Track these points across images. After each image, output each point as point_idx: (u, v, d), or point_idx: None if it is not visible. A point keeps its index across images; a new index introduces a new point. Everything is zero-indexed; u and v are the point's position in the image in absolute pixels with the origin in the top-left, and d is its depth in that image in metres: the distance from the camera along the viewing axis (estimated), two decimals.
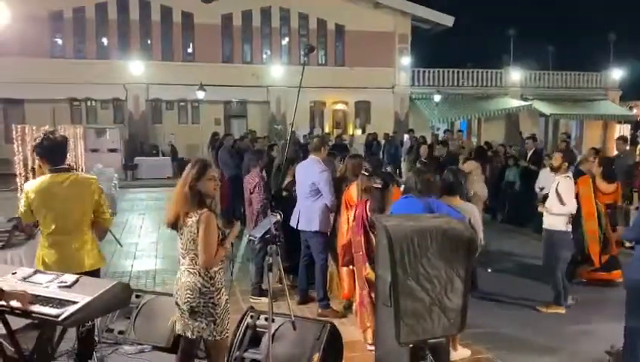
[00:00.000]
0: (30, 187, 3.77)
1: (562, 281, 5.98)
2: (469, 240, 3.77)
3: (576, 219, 6.97)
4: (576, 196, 6.94)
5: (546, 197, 6.24)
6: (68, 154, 3.99)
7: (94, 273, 3.81)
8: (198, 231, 3.23)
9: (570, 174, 6.14)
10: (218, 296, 3.30)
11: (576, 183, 6.95)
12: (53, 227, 3.72)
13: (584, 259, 7.03)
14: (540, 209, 6.13)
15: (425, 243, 3.64)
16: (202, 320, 3.27)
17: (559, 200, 5.87)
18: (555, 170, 6.15)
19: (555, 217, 5.92)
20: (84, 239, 3.80)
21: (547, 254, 6.10)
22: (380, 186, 4.66)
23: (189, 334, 3.34)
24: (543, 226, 6.09)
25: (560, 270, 5.97)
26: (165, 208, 3.46)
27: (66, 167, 3.85)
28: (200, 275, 3.27)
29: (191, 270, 3.29)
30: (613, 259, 7.00)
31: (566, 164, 6.10)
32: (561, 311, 5.95)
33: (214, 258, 3.25)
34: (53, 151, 3.77)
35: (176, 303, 3.36)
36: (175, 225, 3.34)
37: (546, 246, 6.08)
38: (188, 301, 3.26)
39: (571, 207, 5.88)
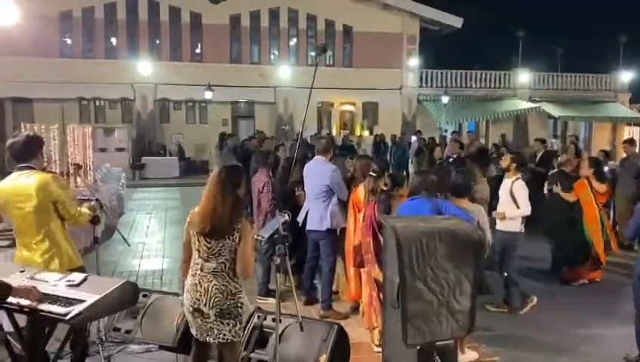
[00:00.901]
0: None
1: (516, 281, 5.96)
2: (477, 242, 3.75)
3: (577, 223, 6.99)
4: (577, 201, 6.98)
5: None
6: (38, 155, 3.92)
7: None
8: (239, 240, 3.20)
9: (521, 175, 6.06)
10: (244, 297, 3.34)
11: (573, 188, 6.99)
12: (15, 227, 3.81)
13: (584, 260, 7.10)
14: (494, 214, 6.02)
15: (433, 245, 3.62)
16: (230, 321, 3.26)
17: (514, 202, 5.85)
18: (505, 171, 6.12)
19: (509, 219, 5.90)
20: (38, 238, 3.74)
21: (501, 254, 6.04)
22: (388, 188, 4.64)
23: (210, 339, 3.30)
24: (497, 228, 6.01)
25: (514, 270, 5.98)
26: (198, 213, 3.27)
27: (25, 166, 3.77)
28: (229, 277, 3.25)
29: (218, 274, 3.24)
30: (595, 260, 7.02)
31: (514, 165, 6.05)
32: (505, 310, 5.96)
33: (253, 267, 3.35)
34: (12, 150, 3.78)
35: (197, 309, 3.25)
36: (215, 231, 3.19)
37: (500, 247, 6.00)
38: (218, 304, 3.21)
39: (526, 209, 5.87)
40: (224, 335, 3.26)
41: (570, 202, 7.02)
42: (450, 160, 9.45)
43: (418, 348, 3.70)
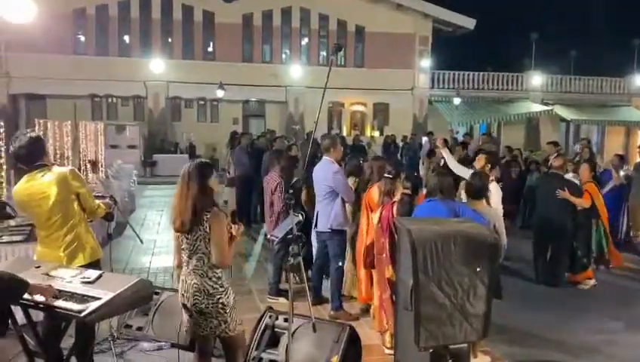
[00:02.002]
0: (13, 192, 3.87)
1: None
2: (493, 245, 3.71)
3: (588, 226, 6.96)
4: (592, 205, 6.94)
5: None
6: (46, 152, 3.93)
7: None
8: (209, 230, 3.20)
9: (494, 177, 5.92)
10: (226, 296, 3.29)
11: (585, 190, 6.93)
12: (37, 223, 3.82)
13: (596, 260, 7.18)
14: None
15: (448, 248, 3.58)
16: (212, 319, 3.27)
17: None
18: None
19: None
20: (64, 232, 3.75)
21: None
22: (410, 192, 4.62)
23: (200, 332, 3.34)
24: None
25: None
26: (170, 212, 3.35)
27: (39, 164, 3.76)
28: (207, 276, 3.25)
29: (197, 271, 3.26)
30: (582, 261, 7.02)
31: (489, 165, 5.97)
32: None
33: (228, 256, 3.25)
34: (19, 156, 3.76)
35: (184, 305, 3.32)
36: (182, 227, 3.26)
37: None
38: (196, 303, 3.24)
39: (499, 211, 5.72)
40: (210, 329, 3.30)
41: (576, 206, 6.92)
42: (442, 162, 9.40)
43: (431, 351, 3.67)
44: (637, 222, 9.00)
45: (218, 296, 3.25)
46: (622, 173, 8.82)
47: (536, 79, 25.27)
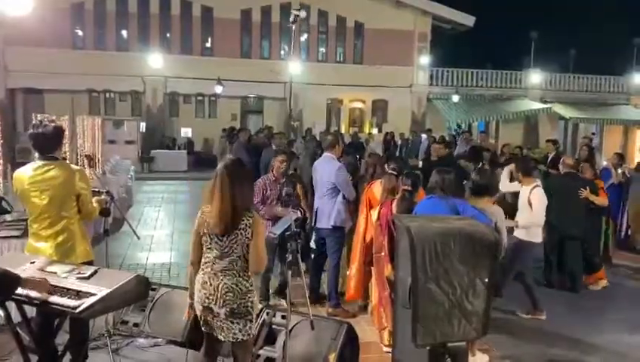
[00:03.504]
0: (15, 174, 3.80)
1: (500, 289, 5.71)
2: (493, 244, 3.68)
3: (601, 222, 6.93)
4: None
5: None
6: (62, 146, 3.93)
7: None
8: (251, 235, 3.13)
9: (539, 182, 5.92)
10: (255, 296, 3.28)
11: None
12: (32, 215, 3.76)
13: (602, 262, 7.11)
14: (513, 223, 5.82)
15: (448, 246, 3.56)
16: (240, 321, 3.19)
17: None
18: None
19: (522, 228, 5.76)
20: (57, 229, 3.71)
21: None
22: (410, 189, 4.59)
23: (221, 337, 3.25)
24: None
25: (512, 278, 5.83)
26: (206, 211, 3.20)
27: (50, 156, 3.74)
28: (240, 276, 3.19)
29: (229, 272, 3.18)
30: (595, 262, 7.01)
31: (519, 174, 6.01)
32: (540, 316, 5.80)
33: (265, 261, 3.27)
34: (39, 140, 3.72)
35: (207, 307, 3.19)
36: (222, 227, 3.13)
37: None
38: (228, 303, 3.15)
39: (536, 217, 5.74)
40: (234, 334, 3.21)
41: (593, 205, 6.86)
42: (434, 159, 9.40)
43: (429, 349, 3.65)
44: (634, 220, 8.99)
45: (249, 295, 3.20)
46: (620, 171, 8.80)
47: (535, 77, 25.24)
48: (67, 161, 5.07)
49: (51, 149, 3.74)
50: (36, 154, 3.77)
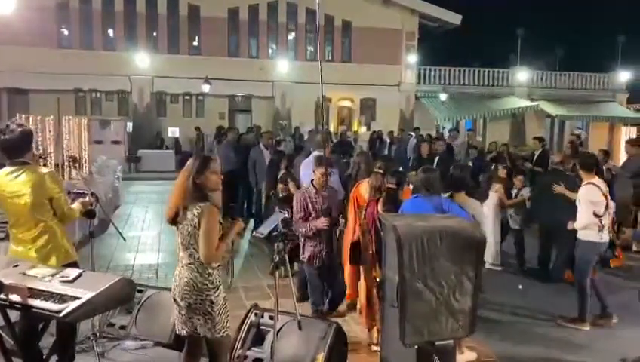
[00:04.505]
0: None
1: (585, 292, 5.56)
2: (479, 241, 3.70)
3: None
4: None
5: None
6: (31, 149, 3.81)
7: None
8: (198, 225, 3.14)
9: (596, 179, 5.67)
10: (216, 294, 3.22)
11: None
12: (10, 221, 3.73)
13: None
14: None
15: (434, 244, 3.57)
16: (200, 317, 3.21)
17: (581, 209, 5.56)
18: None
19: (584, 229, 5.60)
20: (35, 234, 3.67)
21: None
22: (394, 187, 4.59)
23: (185, 331, 3.28)
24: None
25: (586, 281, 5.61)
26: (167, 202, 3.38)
27: (19, 161, 3.67)
28: (198, 271, 3.19)
29: (190, 266, 3.22)
30: None
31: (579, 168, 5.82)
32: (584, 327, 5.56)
33: (216, 252, 3.16)
34: (6, 146, 3.65)
35: (174, 299, 3.28)
36: (175, 219, 3.26)
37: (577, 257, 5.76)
38: (185, 297, 3.19)
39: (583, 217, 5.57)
40: (196, 329, 3.24)
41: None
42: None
43: (417, 347, 3.66)
44: (626, 219, 9.06)
45: (207, 293, 3.18)
46: (605, 167, 8.88)
47: (522, 75, 25.41)
48: (45, 164, 4.97)
49: (20, 154, 3.66)
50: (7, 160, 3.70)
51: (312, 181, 5.31)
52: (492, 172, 8.73)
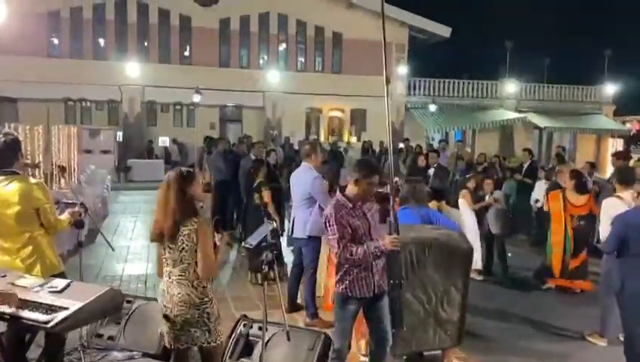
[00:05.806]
0: None
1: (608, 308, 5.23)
2: (466, 253, 3.74)
3: (544, 234, 7.10)
4: (547, 211, 7.11)
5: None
6: (18, 158, 3.76)
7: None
8: (197, 241, 3.12)
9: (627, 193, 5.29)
10: (211, 306, 3.23)
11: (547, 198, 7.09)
12: None
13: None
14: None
15: (422, 255, 3.61)
16: (196, 329, 3.19)
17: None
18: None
19: None
20: (19, 244, 3.64)
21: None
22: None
23: (179, 345, 3.25)
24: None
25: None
26: (153, 222, 3.27)
27: (10, 170, 3.64)
28: (192, 286, 3.17)
29: (182, 281, 3.18)
30: (579, 269, 7.10)
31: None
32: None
33: (214, 267, 3.18)
34: None
35: (165, 316, 3.22)
36: (162, 237, 3.19)
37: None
38: (181, 314, 3.16)
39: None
40: (192, 341, 3.22)
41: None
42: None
43: (405, 358, 3.68)
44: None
45: (204, 306, 3.18)
46: (590, 179, 8.98)
47: (511, 87, 25.71)
48: (33, 174, 4.93)
49: (7, 164, 3.63)
50: None
51: (342, 192, 3.97)
52: (462, 181, 8.80)
